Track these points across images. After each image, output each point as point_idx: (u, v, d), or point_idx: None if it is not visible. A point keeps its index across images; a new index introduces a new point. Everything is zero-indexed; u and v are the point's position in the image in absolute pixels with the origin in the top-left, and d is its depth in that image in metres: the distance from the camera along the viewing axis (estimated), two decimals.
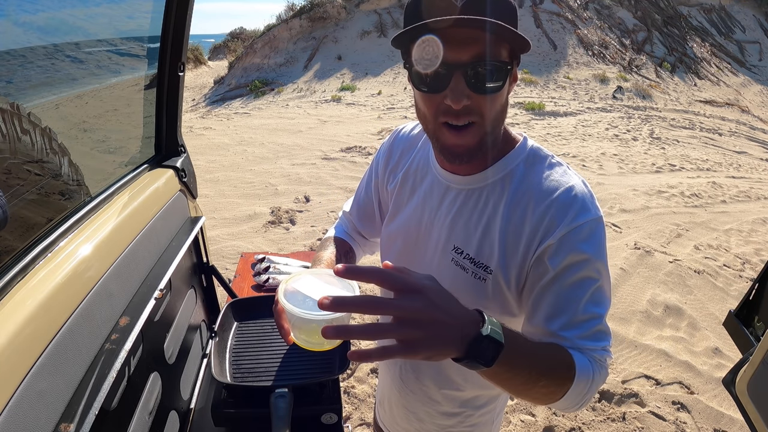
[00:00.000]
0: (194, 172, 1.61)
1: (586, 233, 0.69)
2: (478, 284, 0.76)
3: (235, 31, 21.86)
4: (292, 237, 3.91)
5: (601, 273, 0.70)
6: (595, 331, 0.68)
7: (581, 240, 0.69)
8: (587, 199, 0.71)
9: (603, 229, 0.72)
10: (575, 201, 0.70)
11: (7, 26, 1.06)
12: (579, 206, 0.70)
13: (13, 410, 0.64)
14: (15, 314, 0.72)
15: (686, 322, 3.01)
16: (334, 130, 7.73)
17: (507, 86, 0.69)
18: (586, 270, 0.69)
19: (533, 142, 0.79)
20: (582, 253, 0.69)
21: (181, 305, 1.41)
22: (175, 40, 1.33)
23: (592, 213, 0.70)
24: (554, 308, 0.69)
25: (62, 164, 1.25)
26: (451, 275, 0.79)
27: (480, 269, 0.76)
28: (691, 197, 5.31)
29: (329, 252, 0.96)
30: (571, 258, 0.69)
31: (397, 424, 1.07)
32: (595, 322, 0.68)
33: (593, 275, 0.69)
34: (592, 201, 0.72)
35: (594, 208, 0.71)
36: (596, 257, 0.69)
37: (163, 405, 1.20)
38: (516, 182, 0.75)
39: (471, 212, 0.77)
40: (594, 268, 0.69)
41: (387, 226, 0.93)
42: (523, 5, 15.37)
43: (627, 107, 10.68)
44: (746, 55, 17.06)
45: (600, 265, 0.70)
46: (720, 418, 2.28)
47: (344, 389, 2.27)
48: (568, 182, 0.73)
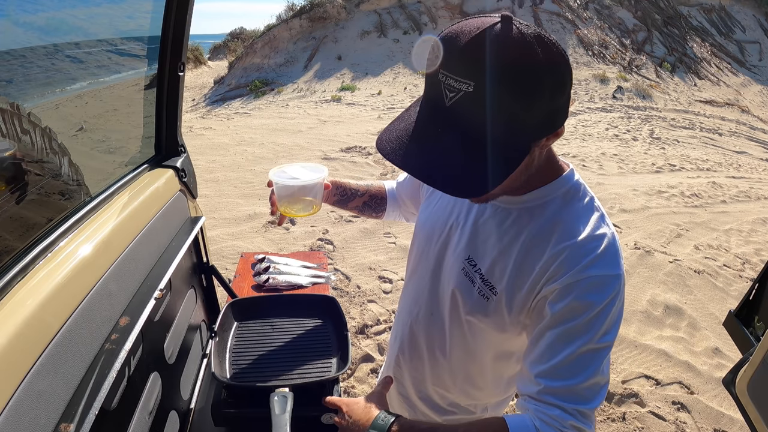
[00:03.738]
0: (194, 172, 1.61)
1: (597, 286, 0.64)
2: (480, 300, 0.77)
3: (235, 31, 21.85)
4: (292, 237, 3.91)
5: (600, 334, 0.64)
6: (568, 391, 0.64)
7: (588, 291, 0.64)
8: (610, 253, 0.66)
9: (618, 287, 0.65)
10: (595, 251, 0.65)
11: (7, 26, 1.06)
12: (597, 258, 0.65)
13: (13, 410, 0.64)
14: (15, 314, 0.72)
15: (686, 322, 3.01)
16: (334, 130, 7.73)
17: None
18: (584, 327, 0.64)
19: (578, 177, 0.75)
20: (586, 303, 0.64)
21: (181, 305, 1.41)
22: (175, 40, 1.33)
23: (610, 269, 0.65)
24: (540, 354, 0.67)
25: (62, 164, 1.24)
26: (458, 282, 0.80)
27: (486, 288, 0.75)
28: (691, 197, 5.31)
29: (365, 183, 1.11)
30: (572, 306, 0.65)
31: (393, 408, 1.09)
32: (572, 380, 0.64)
33: (591, 335, 0.64)
34: (614, 257, 0.66)
35: (614, 266, 0.66)
36: (602, 313, 0.64)
37: (163, 405, 1.20)
38: (547, 215, 0.71)
39: (495, 229, 0.75)
40: (593, 328, 0.64)
41: (421, 213, 0.95)
42: (523, 5, 15.38)
43: (627, 107, 10.68)
44: (746, 55, 17.06)
45: (602, 326, 0.64)
46: (720, 418, 2.28)
47: (344, 389, 2.27)
48: (597, 230, 0.67)
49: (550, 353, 0.66)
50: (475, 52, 0.53)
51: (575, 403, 0.64)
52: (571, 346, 0.64)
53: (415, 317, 0.94)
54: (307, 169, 0.93)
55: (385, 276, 3.30)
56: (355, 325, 2.73)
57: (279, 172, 0.92)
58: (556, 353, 0.65)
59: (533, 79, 0.54)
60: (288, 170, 0.91)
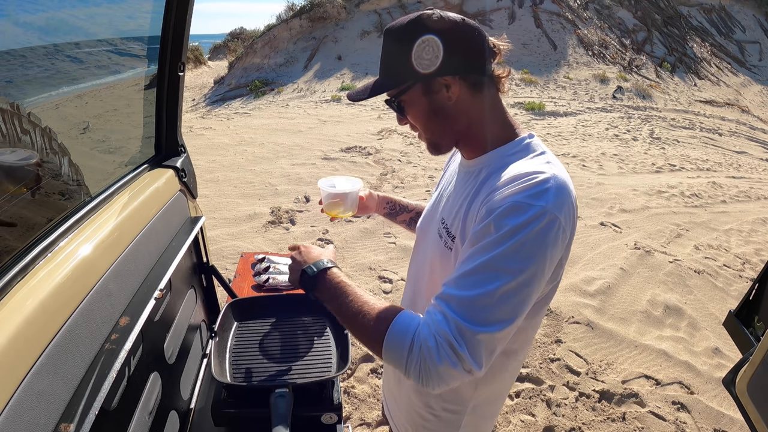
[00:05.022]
0: (194, 172, 1.61)
1: (514, 210, 0.65)
2: (446, 252, 0.83)
3: (235, 31, 21.86)
4: (292, 237, 3.91)
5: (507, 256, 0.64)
6: (459, 300, 0.65)
7: (505, 215, 0.66)
8: (540, 188, 0.66)
9: (537, 218, 0.64)
10: (523, 183, 0.67)
11: (7, 26, 1.06)
12: (524, 188, 0.67)
13: (13, 410, 0.64)
14: (15, 314, 0.72)
15: (686, 322, 3.01)
16: (334, 130, 7.73)
17: (419, 105, 0.81)
18: (492, 244, 0.65)
19: (534, 140, 0.81)
20: (499, 224, 0.65)
21: (181, 305, 1.41)
22: (175, 40, 1.33)
23: (533, 199, 0.65)
24: (452, 270, 0.72)
25: (62, 164, 1.24)
26: (434, 243, 0.88)
27: (449, 238, 0.82)
28: (691, 197, 5.31)
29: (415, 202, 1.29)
30: (487, 226, 0.67)
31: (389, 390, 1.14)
32: (463, 291, 0.66)
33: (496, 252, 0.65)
34: (545, 192, 0.66)
35: (540, 198, 0.65)
36: (512, 235, 0.64)
37: (163, 405, 1.20)
38: (496, 169, 0.77)
39: (461, 190, 0.85)
40: (501, 246, 0.65)
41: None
42: (523, 5, 15.38)
43: (627, 107, 10.68)
44: (746, 55, 17.06)
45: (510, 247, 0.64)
46: (720, 418, 2.28)
47: (344, 389, 2.27)
48: (534, 168, 0.70)
49: (458, 267, 0.70)
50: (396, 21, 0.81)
51: (458, 315, 0.65)
52: (474, 261, 0.66)
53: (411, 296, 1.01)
54: (349, 182, 1.17)
55: (385, 276, 3.30)
56: None
57: (326, 182, 1.17)
58: (461, 267, 0.69)
59: (408, 34, 0.77)
60: (335, 181, 1.17)
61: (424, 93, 0.80)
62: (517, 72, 12.72)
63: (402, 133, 7.39)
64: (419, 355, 0.66)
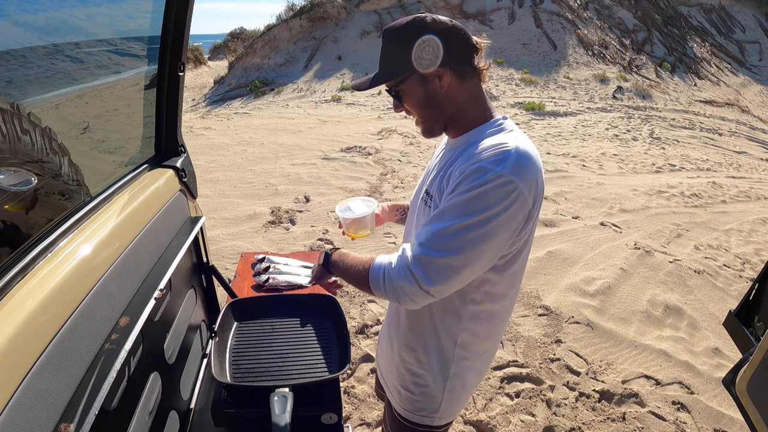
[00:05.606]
0: (194, 172, 1.61)
1: (477, 173, 0.81)
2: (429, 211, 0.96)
3: (235, 31, 21.85)
4: (292, 237, 3.91)
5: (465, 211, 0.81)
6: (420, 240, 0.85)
7: (468, 176, 0.82)
8: (502, 156, 0.82)
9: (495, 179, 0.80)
10: (490, 150, 0.83)
11: (7, 26, 1.06)
12: (488, 156, 0.82)
13: (13, 410, 0.64)
14: (15, 314, 0.72)
15: (686, 322, 3.01)
16: (334, 130, 7.73)
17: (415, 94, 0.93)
18: (456, 203, 0.82)
19: (507, 121, 0.95)
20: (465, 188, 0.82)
21: (181, 305, 1.41)
22: (175, 40, 1.33)
23: (494, 165, 0.81)
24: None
25: (62, 164, 1.24)
26: (420, 212, 1.01)
27: (429, 198, 0.96)
28: (691, 197, 5.31)
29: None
30: (456, 187, 0.84)
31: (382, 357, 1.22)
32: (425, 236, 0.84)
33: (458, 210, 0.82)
34: (505, 159, 0.81)
35: (501, 163, 0.80)
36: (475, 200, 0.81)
37: (163, 405, 1.20)
38: (473, 144, 0.91)
39: (443, 165, 0.98)
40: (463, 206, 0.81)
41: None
42: (523, 5, 15.38)
43: (627, 107, 10.68)
44: (746, 55, 17.06)
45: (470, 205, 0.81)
46: (720, 418, 2.28)
47: (344, 389, 2.27)
48: (502, 140, 0.85)
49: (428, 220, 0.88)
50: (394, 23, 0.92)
51: (418, 245, 0.85)
52: (440, 210, 0.85)
53: None
54: (364, 203, 1.26)
55: None
56: (355, 325, 2.73)
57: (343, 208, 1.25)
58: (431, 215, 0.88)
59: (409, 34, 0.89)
60: (350, 203, 1.25)
61: (420, 83, 0.93)
62: (517, 72, 12.72)
63: (402, 133, 7.39)
64: (388, 277, 0.88)
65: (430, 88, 0.93)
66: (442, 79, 0.92)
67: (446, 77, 0.91)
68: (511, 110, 9.63)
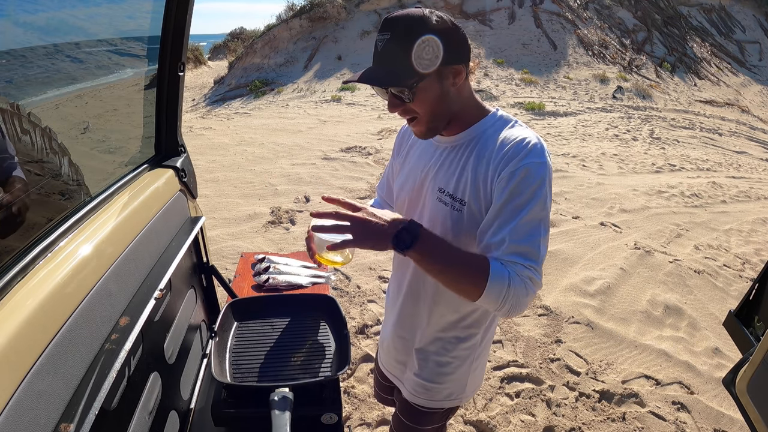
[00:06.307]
0: (194, 172, 1.61)
1: (531, 170, 0.88)
2: (455, 215, 0.97)
3: (235, 31, 21.84)
4: (292, 237, 3.91)
5: (538, 206, 0.88)
6: (523, 250, 0.86)
7: (526, 175, 0.88)
8: (537, 149, 0.90)
9: (544, 172, 0.89)
10: (525, 148, 0.90)
11: (7, 26, 1.06)
12: (528, 152, 0.89)
13: (13, 410, 0.64)
14: (15, 314, 0.72)
15: (686, 322, 3.01)
16: (334, 130, 7.73)
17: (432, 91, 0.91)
18: (526, 201, 0.87)
19: (503, 113, 1.00)
20: (525, 183, 0.87)
21: (181, 305, 1.41)
22: (175, 40, 1.33)
23: (538, 158, 0.89)
24: (497, 226, 0.89)
25: (62, 164, 1.25)
26: (437, 210, 1.01)
27: (457, 202, 0.97)
28: (691, 197, 5.31)
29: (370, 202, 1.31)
30: (516, 186, 0.88)
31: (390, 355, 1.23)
32: (523, 242, 0.86)
33: (531, 206, 0.87)
34: (541, 151, 0.90)
35: (540, 156, 0.89)
36: (538, 190, 0.88)
37: (163, 405, 1.20)
38: (485, 138, 0.96)
39: (450, 162, 1.00)
40: (532, 201, 0.87)
41: (395, 183, 1.17)
42: (523, 5, 15.38)
43: (627, 107, 10.68)
44: (746, 55, 17.06)
45: (539, 200, 0.88)
46: (720, 418, 2.28)
47: (344, 389, 2.27)
48: (522, 135, 0.92)
49: (498, 223, 0.89)
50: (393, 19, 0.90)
51: (529, 261, 0.87)
52: (517, 217, 0.87)
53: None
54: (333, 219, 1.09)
55: (385, 276, 3.30)
56: (355, 325, 2.73)
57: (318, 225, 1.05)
58: (505, 223, 0.88)
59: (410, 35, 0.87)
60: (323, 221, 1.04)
61: (438, 79, 0.91)
62: (517, 72, 12.72)
63: None
64: (514, 294, 0.85)
65: (445, 85, 0.93)
66: (457, 76, 0.92)
67: (462, 74, 0.93)
68: (511, 110, 9.63)
